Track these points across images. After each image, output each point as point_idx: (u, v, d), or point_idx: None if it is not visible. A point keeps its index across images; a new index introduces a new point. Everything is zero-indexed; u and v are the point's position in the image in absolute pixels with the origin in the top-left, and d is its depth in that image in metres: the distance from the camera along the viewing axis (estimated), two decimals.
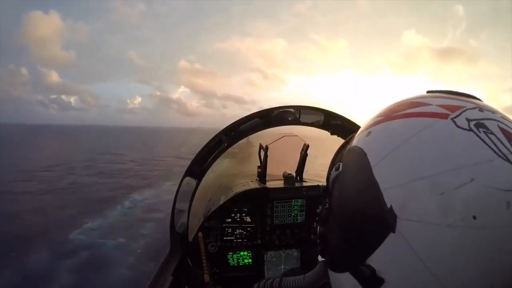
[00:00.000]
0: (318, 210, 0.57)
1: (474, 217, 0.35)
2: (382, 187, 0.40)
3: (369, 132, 0.48)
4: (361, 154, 0.46)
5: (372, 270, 0.42)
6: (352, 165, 0.49)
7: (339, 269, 0.50)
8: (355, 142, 0.51)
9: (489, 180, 0.35)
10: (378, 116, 0.50)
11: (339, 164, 0.52)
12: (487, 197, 0.35)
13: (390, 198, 0.39)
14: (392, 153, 0.41)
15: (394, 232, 0.39)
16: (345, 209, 0.48)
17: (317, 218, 0.58)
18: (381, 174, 0.41)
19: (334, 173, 0.52)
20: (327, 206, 0.53)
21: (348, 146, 0.53)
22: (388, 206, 0.39)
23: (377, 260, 0.42)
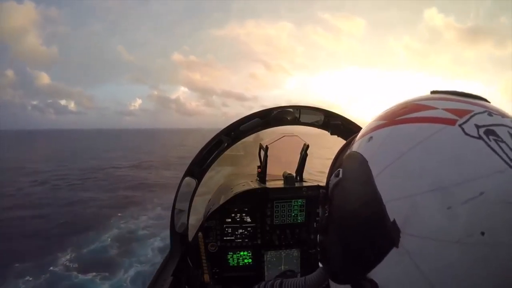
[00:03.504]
0: (318, 211, 0.55)
1: (483, 233, 0.33)
2: (384, 199, 0.39)
3: (371, 137, 0.46)
4: (362, 162, 0.44)
5: (374, 285, 0.41)
6: (352, 173, 0.47)
7: (340, 281, 0.49)
8: (355, 147, 0.48)
9: (500, 193, 0.33)
10: (380, 119, 0.47)
11: (339, 170, 0.50)
12: (498, 212, 0.33)
13: (394, 211, 0.38)
14: (396, 162, 0.39)
15: (397, 247, 0.37)
16: (346, 220, 0.46)
17: (316, 224, 0.57)
18: (383, 185, 0.40)
19: (334, 179, 0.50)
20: (327, 214, 0.52)
21: (349, 151, 0.50)
22: (391, 219, 0.37)
23: (380, 274, 0.40)
